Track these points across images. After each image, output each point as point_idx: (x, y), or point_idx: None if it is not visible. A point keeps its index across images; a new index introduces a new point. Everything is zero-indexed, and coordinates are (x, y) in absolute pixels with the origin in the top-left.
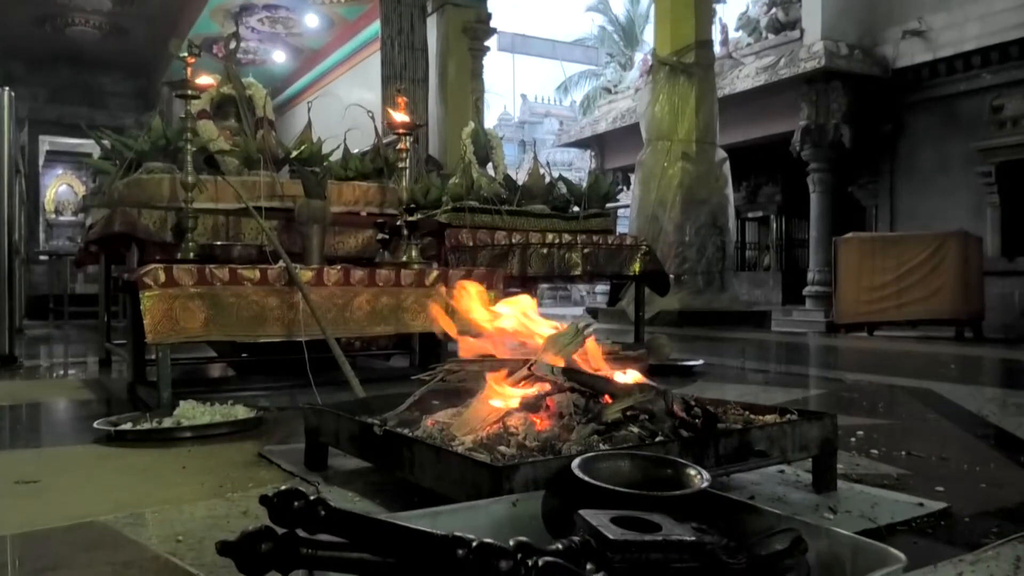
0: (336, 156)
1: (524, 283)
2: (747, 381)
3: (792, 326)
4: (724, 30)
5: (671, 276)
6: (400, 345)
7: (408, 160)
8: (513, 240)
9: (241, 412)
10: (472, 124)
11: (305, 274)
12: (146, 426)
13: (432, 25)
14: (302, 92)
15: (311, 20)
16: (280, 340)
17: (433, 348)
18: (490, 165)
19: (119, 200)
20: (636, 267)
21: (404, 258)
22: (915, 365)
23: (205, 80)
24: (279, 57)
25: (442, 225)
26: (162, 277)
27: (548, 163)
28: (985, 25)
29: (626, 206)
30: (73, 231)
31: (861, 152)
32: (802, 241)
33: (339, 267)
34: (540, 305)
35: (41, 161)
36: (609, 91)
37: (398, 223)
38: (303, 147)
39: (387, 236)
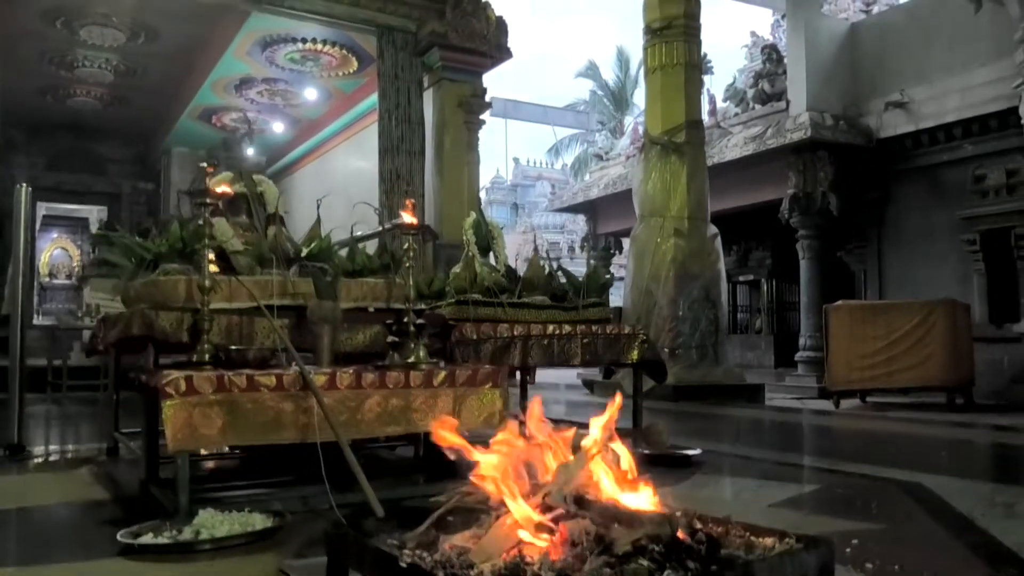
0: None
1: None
2: (744, 474)
3: (786, 392)
4: (712, 100)
5: (665, 350)
6: (406, 435)
7: (414, 258)
8: (515, 332)
9: (258, 521)
10: (473, 215)
11: (319, 378)
12: (167, 536)
13: (428, 99)
14: (300, 159)
15: (310, 93)
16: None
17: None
18: (491, 255)
19: (135, 298)
20: (634, 355)
21: (412, 358)
22: (908, 451)
23: (222, 188)
24: (278, 127)
25: (447, 320)
26: (183, 386)
27: (540, 226)
28: (965, 98)
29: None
30: (67, 294)
31: (849, 219)
32: (793, 304)
33: (351, 370)
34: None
35: (37, 226)
36: (601, 157)
37: (405, 320)
38: (313, 244)
39: (397, 339)
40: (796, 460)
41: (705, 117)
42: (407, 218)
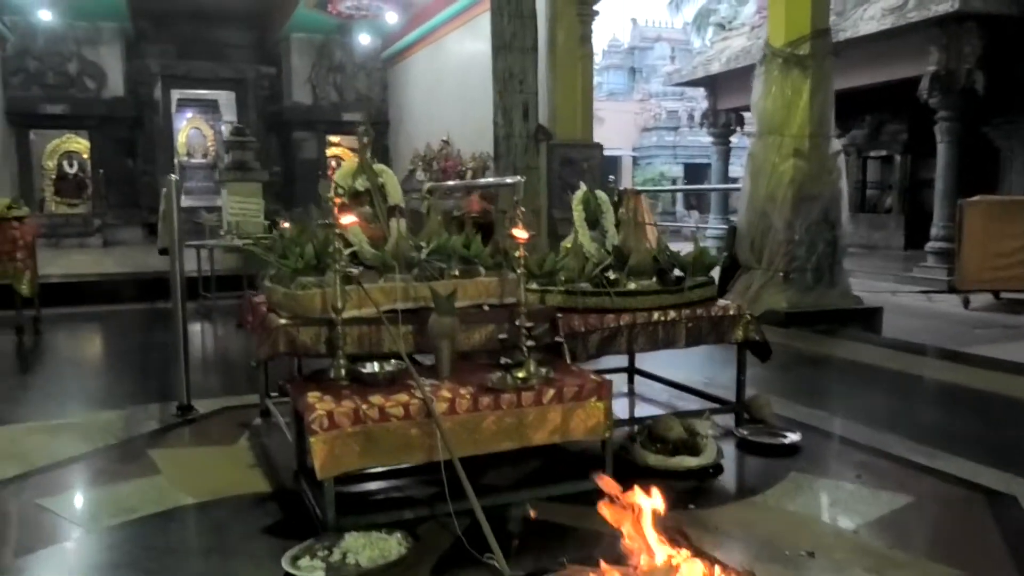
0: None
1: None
2: (842, 471)
3: (912, 285)
4: None
5: (780, 274)
6: None
7: (525, 264)
8: (621, 322)
9: (393, 548)
10: (583, 188)
11: (440, 405)
12: (320, 558)
13: None
14: (413, 45)
15: None
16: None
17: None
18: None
19: (277, 304)
20: (739, 335)
21: (523, 373)
22: None
23: (349, 220)
24: (390, 15)
25: (554, 313)
26: (326, 423)
27: (658, 93)
28: None
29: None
30: (204, 173)
31: (995, 98)
32: (929, 181)
33: (469, 394)
34: None
35: (173, 109)
36: (723, 27)
37: (517, 323)
38: (432, 242)
39: (509, 361)
40: (901, 446)
41: None
42: (519, 233)
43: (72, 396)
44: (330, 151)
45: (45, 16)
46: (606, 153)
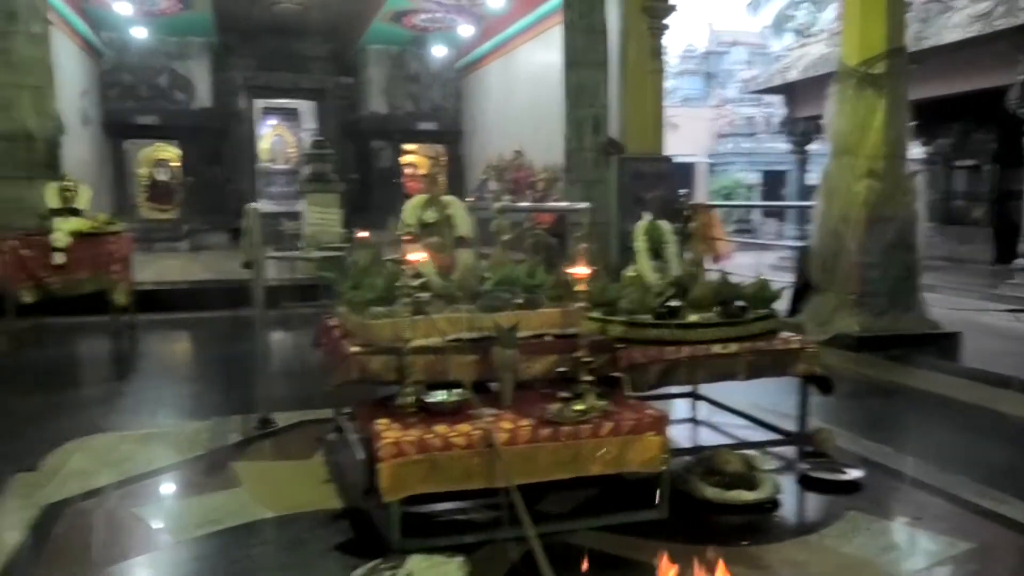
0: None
1: None
2: (902, 511)
3: (999, 303)
4: None
5: (853, 296)
6: None
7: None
8: (682, 354)
9: (453, 573)
10: (647, 218)
11: (501, 435)
12: None
13: (612, 5)
14: (486, 56)
15: (496, 0)
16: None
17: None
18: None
19: (350, 331)
20: (801, 368)
21: (582, 406)
22: None
23: (416, 256)
24: (464, 28)
25: (613, 344)
26: (394, 450)
27: (735, 99)
28: None
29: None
30: (285, 179)
31: None
32: (1019, 192)
33: (529, 425)
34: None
35: (256, 118)
36: (800, 33)
37: (577, 355)
38: (497, 273)
39: (568, 395)
40: (969, 489)
41: None
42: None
43: (163, 404)
44: (404, 159)
45: (139, 33)
46: (681, 160)
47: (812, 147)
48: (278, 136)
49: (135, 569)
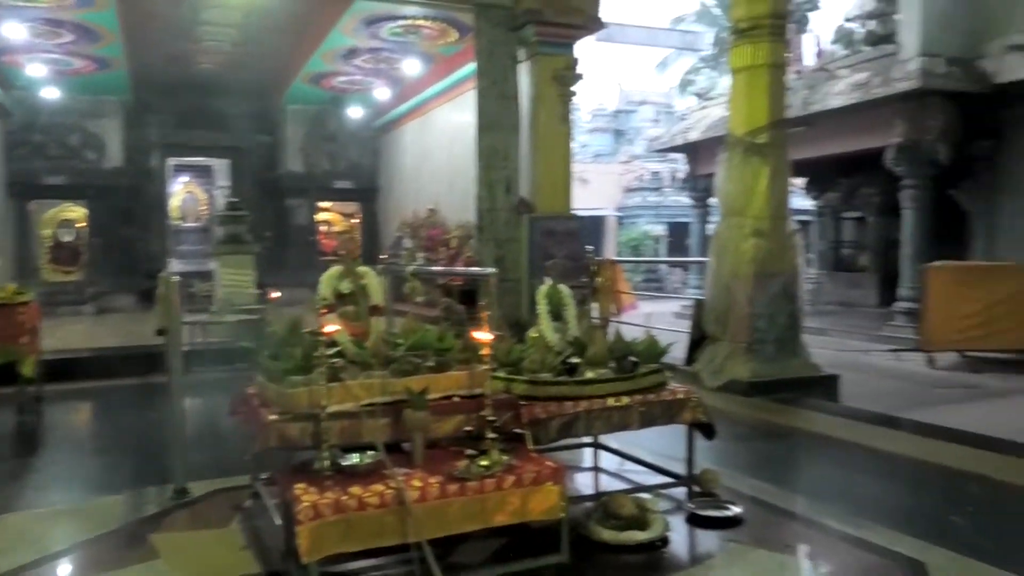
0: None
1: None
2: (775, 543)
3: (882, 343)
4: (818, 43)
5: (743, 345)
6: None
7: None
8: (579, 408)
9: None
10: (548, 282)
11: (412, 493)
12: None
13: (523, 73)
14: (403, 117)
15: (411, 61)
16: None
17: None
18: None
19: (268, 400)
20: (687, 416)
21: (487, 462)
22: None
23: (332, 328)
24: (380, 90)
25: (517, 401)
26: (311, 513)
27: (642, 155)
28: None
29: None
30: (196, 237)
31: (958, 168)
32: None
33: (437, 483)
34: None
35: (168, 176)
36: (701, 96)
37: (483, 414)
38: (409, 339)
39: (474, 452)
40: (835, 518)
41: (811, 61)
42: (481, 335)
43: (75, 479)
44: (319, 216)
45: (50, 93)
46: (591, 214)
47: (712, 202)
48: (189, 193)
49: None
